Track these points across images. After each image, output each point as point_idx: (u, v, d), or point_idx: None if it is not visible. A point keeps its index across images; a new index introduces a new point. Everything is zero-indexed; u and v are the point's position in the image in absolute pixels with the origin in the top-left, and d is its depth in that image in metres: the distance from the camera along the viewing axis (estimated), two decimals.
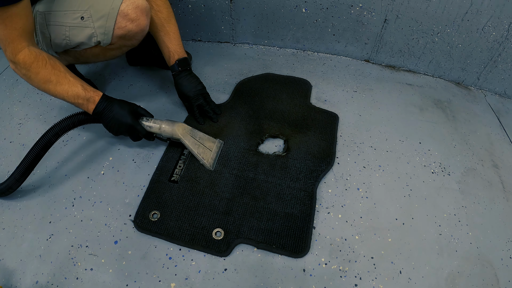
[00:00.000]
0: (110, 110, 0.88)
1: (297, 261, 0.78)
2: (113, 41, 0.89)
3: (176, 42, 1.03)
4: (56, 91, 0.83)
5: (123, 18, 0.85)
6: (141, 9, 0.87)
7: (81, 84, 0.85)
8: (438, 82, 1.35)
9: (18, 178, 0.85)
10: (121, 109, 0.89)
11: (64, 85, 0.83)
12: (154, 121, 0.93)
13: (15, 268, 0.76)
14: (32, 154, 0.85)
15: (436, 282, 0.76)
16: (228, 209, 0.86)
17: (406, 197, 0.92)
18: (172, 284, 0.74)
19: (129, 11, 0.85)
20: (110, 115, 0.88)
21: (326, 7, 1.27)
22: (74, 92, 0.84)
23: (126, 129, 0.90)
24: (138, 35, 0.92)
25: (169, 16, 1.01)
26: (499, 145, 1.10)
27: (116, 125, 0.89)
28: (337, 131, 1.08)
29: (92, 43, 0.89)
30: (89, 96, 0.86)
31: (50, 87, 0.83)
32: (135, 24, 0.88)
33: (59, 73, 0.83)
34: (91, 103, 0.86)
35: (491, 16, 1.13)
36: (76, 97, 0.84)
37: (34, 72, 0.80)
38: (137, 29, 0.89)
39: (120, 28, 0.86)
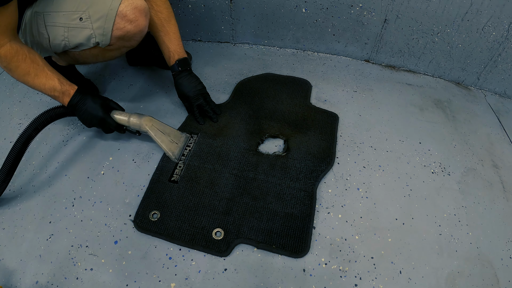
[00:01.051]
0: (83, 103, 0.91)
1: (297, 261, 0.78)
2: (112, 42, 0.88)
3: (176, 42, 1.03)
4: (35, 83, 0.87)
5: (121, 19, 0.85)
6: (139, 10, 0.87)
7: (58, 78, 0.88)
8: (438, 82, 1.35)
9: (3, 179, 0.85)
10: (93, 103, 0.92)
11: (42, 78, 0.86)
12: (124, 114, 0.97)
13: (15, 268, 0.76)
14: (14, 151, 0.87)
15: (436, 282, 0.76)
16: (228, 209, 0.86)
17: (406, 197, 0.92)
18: (172, 284, 0.74)
19: (127, 12, 0.85)
20: (83, 108, 0.91)
21: (326, 7, 1.27)
22: (51, 85, 0.87)
23: (98, 121, 0.93)
24: (137, 36, 0.92)
25: (169, 16, 1.01)
26: (499, 145, 1.10)
27: (88, 117, 0.92)
28: (337, 131, 1.08)
29: (91, 44, 0.89)
30: (64, 89, 0.89)
31: (29, 79, 0.86)
32: (133, 25, 0.87)
33: (38, 66, 0.86)
34: (66, 96, 0.90)
35: (491, 16, 1.13)
36: (53, 89, 0.88)
37: (14, 65, 0.83)
38: (135, 30, 0.88)
39: (118, 29, 0.86)
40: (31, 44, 0.93)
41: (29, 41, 0.92)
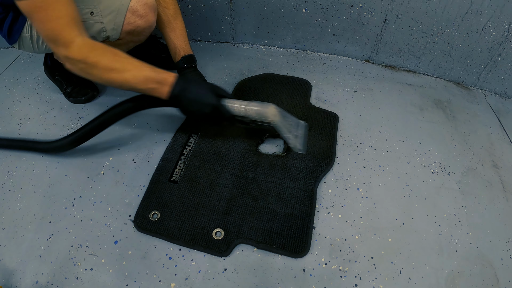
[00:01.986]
0: (189, 91, 0.80)
1: (297, 261, 0.78)
2: (122, 36, 0.90)
3: (183, 38, 1.04)
4: (123, 79, 0.76)
5: (132, 14, 0.87)
6: (149, 6, 0.89)
7: (149, 66, 0.78)
8: (438, 82, 1.35)
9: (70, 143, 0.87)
10: (202, 89, 0.82)
11: (131, 71, 0.76)
12: (239, 102, 0.84)
13: (15, 268, 0.76)
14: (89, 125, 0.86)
15: (436, 282, 0.76)
16: (228, 209, 0.86)
17: (406, 197, 0.92)
18: (172, 284, 0.74)
19: (138, 8, 0.87)
20: (190, 96, 0.81)
21: (326, 7, 1.27)
22: (144, 76, 0.77)
23: (210, 110, 0.82)
24: (146, 31, 0.93)
25: (176, 13, 1.02)
26: (499, 145, 1.10)
27: (199, 107, 0.81)
28: (337, 131, 1.08)
29: (101, 38, 0.90)
30: (161, 78, 0.79)
31: (114, 76, 0.76)
32: (143, 20, 0.89)
33: (122, 59, 0.77)
34: (164, 85, 0.79)
35: (491, 16, 1.13)
36: (147, 81, 0.77)
37: (93, 62, 0.73)
38: (145, 25, 0.90)
39: (129, 23, 0.88)
40: (37, 40, 0.92)
41: (35, 36, 0.92)
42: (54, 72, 1.15)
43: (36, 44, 0.93)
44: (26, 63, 1.36)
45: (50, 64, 1.13)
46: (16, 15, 0.89)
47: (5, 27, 0.89)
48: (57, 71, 1.14)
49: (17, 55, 1.40)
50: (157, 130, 1.07)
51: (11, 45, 0.96)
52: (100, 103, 1.16)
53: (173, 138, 1.03)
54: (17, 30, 0.90)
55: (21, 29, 0.90)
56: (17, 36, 0.91)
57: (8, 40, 0.93)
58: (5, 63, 1.36)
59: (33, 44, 0.93)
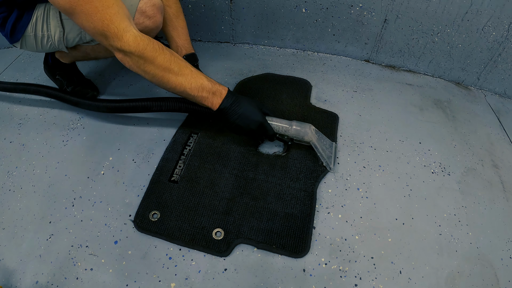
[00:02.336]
0: (239, 106, 0.83)
1: (297, 261, 0.78)
2: None
3: (184, 37, 1.04)
4: (178, 82, 0.76)
5: (141, 15, 0.87)
6: (157, 7, 0.90)
7: (205, 76, 0.80)
8: (438, 82, 1.35)
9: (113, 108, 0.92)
10: (251, 106, 0.85)
11: (187, 76, 0.77)
12: (282, 121, 0.90)
13: (15, 268, 0.76)
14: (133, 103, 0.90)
15: (436, 282, 0.76)
16: (228, 209, 0.86)
17: (406, 197, 0.92)
18: (172, 284, 0.74)
19: (147, 9, 0.88)
20: (239, 111, 0.83)
21: (326, 7, 1.27)
22: (199, 84, 0.78)
23: (256, 126, 0.86)
24: (154, 32, 0.94)
25: (178, 11, 1.02)
26: (499, 145, 1.10)
27: (246, 122, 0.85)
28: (337, 131, 1.08)
29: None
30: (215, 89, 0.81)
31: (170, 77, 0.75)
32: (152, 20, 0.90)
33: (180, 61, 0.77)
34: (217, 96, 0.81)
35: (491, 16, 1.13)
36: (201, 89, 0.79)
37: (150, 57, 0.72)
38: (153, 25, 0.91)
39: (138, 24, 0.88)
40: (42, 38, 0.92)
41: (40, 35, 0.92)
42: (55, 71, 1.14)
43: (40, 43, 0.93)
44: (26, 63, 1.36)
45: (51, 63, 1.13)
46: (21, 13, 0.89)
47: (8, 25, 0.89)
48: (57, 71, 1.14)
49: (17, 55, 1.40)
50: (157, 130, 1.07)
51: (12, 44, 0.96)
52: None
53: (173, 138, 1.03)
54: (20, 29, 0.90)
55: (25, 27, 0.90)
56: (20, 35, 0.91)
57: (10, 39, 0.93)
58: (5, 63, 1.36)
59: (36, 43, 0.93)
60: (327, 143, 0.98)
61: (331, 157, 0.97)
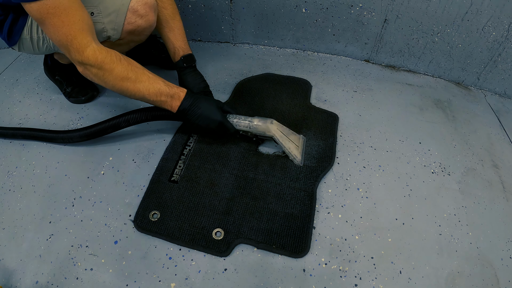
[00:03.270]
0: (198, 106, 0.86)
1: (297, 261, 0.78)
2: (122, 36, 0.91)
3: (181, 38, 1.04)
4: (136, 89, 0.79)
5: (133, 14, 0.87)
6: (149, 6, 0.89)
7: (162, 80, 0.82)
8: (438, 82, 1.35)
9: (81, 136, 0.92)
10: (210, 106, 0.87)
11: (144, 82, 0.79)
12: (243, 118, 0.91)
13: (15, 268, 0.76)
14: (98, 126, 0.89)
15: (436, 282, 0.76)
16: (228, 209, 0.86)
17: (406, 197, 0.92)
18: (172, 284, 0.74)
19: (138, 7, 0.87)
20: (198, 112, 0.86)
21: (326, 7, 1.27)
22: (156, 89, 0.80)
23: (216, 126, 0.88)
24: (147, 31, 0.94)
25: (174, 12, 1.02)
26: (499, 145, 1.10)
27: (205, 122, 0.87)
28: (337, 131, 1.08)
29: (102, 38, 0.91)
30: (173, 92, 0.83)
31: (128, 85, 0.78)
32: (144, 19, 0.90)
33: (137, 69, 0.79)
34: (175, 99, 0.84)
35: (491, 16, 1.13)
36: (159, 94, 0.81)
37: (108, 69, 0.75)
38: (146, 24, 0.91)
39: (130, 23, 0.88)
40: (38, 41, 0.92)
41: (36, 38, 0.92)
42: (54, 72, 1.15)
43: (37, 46, 0.93)
44: (26, 63, 1.36)
45: (50, 64, 1.13)
46: (16, 16, 0.89)
47: (4, 29, 0.89)
48: (57, 71, 1.14)
49: (17, 55, 1.40)
50: (157, 130, 1.07)
51: (11, 47, 0.96)
52: (100, 103, 1.16)
53: (173, 138, 1.03)
54: (17, 32, 0.90)
55: (21, 30, 0.90)
56: (17, 38, 0.91)
57: (8, 42, 0.93)
58: (5, 63, 1.36)
59: (33, 45, 0.93)
60: (293, 137, 0.97)
61: (299, 149, 0.97)
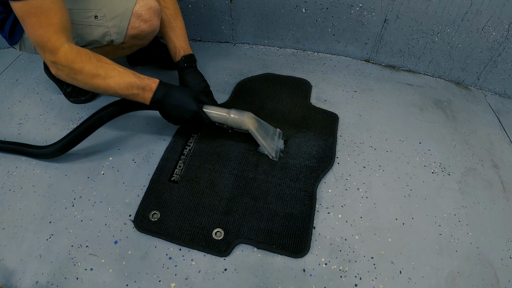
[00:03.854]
0: (172, 97, 0.84)
1: (297, 261, 0.78)
2: (126, 40, 0.91)
3: (182, 38, 1.04)
4: (107, 85, 0.78)
5: (136, 19, 0.87)
6: (153, 10, 0.90)
7: (133, 73, 0.81)
8: (438, 82, 1.35)
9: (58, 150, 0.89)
10: (184, 96, 0.85)
11: (115, 77, 0.78)
12: (219, 109, 0.89)
13: (15, 268, 0.76)
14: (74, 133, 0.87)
15: (436, 282, 0.76)
16: (228, 209, 0.86)
17: (406, 197, 0.92)
18: (172, 284, 0.74)
19: (142, 12, 0.88)
20: (172, 102, 0.84)
21: (326, 7, 1.27)
22: (127, 82, 0.79)
23: (191, 116, 0.86)
24: (150, 35, 0.94)
25: (176, 12, 1.02)
26: (499, 145, 1.10)
27: (179, 113, 0.85)
28: (337, 131, 1.08)
29: (105, 41, 0.91)
30: (144, 84, 0.82)
31: (99, 81, 0.78)
32: (148, 24, 0.90)
33: (107, 65, 0.79)
34: (147, 91, 0.82)
35: (491, 16, 1.13)
36: (130, 87, 0.80)
37: (78, 68, 0.75)
38: (149, 29, 0.91)
39: (133, 28, 0.88)
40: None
41: None
42: None
43: None
44: (26, 63, 1.36)
45: None
46: None
47: (6, 27, 0.89)
48: None
49: (17, 55, 1.40)
50: (157, 130, 1.07)
51: (12, 46, 0.96)
52: (100, 103, 1.16)
53: (173, 138, 1.03)
54: (18, 31, 0.90)
55: (23, 30, 0.89)
56: (19, 37, 0.91)
57: (9, 41, 0.93)
58: (5, 63, 1.36)
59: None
60: (270, 131, 0.97)
61: (274, 144, 0.97)
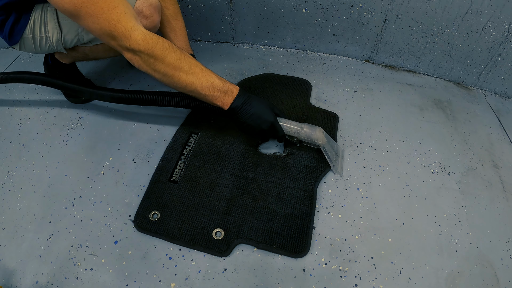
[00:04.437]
0: (251, 105, 0.83)
1: (297, 261, 0.78)
2: None
3: (182, 38, 1.04)
4: (189, 80, 0.75)
5: (138, 15, 0.87)
6: (154, 7, 0.89)
7: (215, 74, 0.80)
8: (438, 82, 1.35)
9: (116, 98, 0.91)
10: (263, 105, 0.84)
11: (198, 74, 0.76)
12: (292, 123, 0.91)
13: (15, 268, 0.76)
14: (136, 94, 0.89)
15: (436, 282, 0.76)
16: (228, 209, 0.86)
17: (406, 197, 0.92)
18: (172, 284, 0.74)
19: (143, 9, 0.87)
20: (250, 110, 0.83)
21: (326, 7, 1.27)
22: (210, 82, 0.77)
23: (268, 126, 0.86)
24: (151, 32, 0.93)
25: (176, 12, 1.02)
26: (499, 145, 1.10)
27: (257, 122, 0.84)
28: (337, 131, 1.08)
29: None
30: (227, 88, 0.80)
31: (181, 75, 0.74)
32: (149, 21, 0.90)
33: (190, 59, 0.76)
34: (228, 96, 0.81)
35: (491, 16, 1.13)
36: (212, 88, 0.78)
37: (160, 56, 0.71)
38: (150, 25, 0.91)
39: None
40: (40, 40, 0.92)
41: (38, 37, 0.91)
42: (55, 71, 1.14)
43: (39, 45, 0.93)
44: (26, 63, 1.36)
45: (51, 64, 1.13)
46: (18, 16, 0.89)
47: (6, 28, 0.89)
48: (57, 71, 1.14)
49: (17, 55, 1.40)
50: (157, 130, 1.07)
51: (11, 46, 0.96)
52: (100, 103, 1.16)
53: (173, 138, 1.03)
54: (18, 31, 0.90)
55: (23, 30, 0.90)
56: (19, 37, 0.91)
57: (9, 42, 0.93)
58: (5, 63, 1.36)
59: (35, 45, 0.93)
60: (334, 146, 0.98)
61: (339, 160, 0.98)
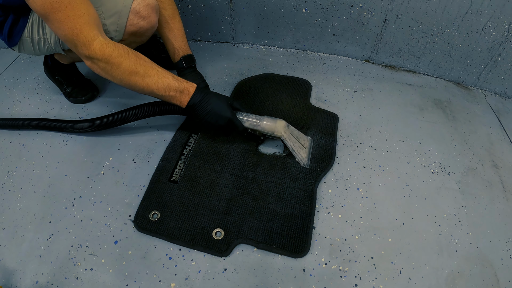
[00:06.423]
0: (208, 102, 0.84)
1: (297, 261, 0.78)
2: (124, 37, 0.91)
3: (181, 38, 1.04)
4: (145, 83, 0.77)
5: (135, 16, 0.87)
6: (151, 7, 0.90)
7: (171, 75, 0.81)
8: (438, 82, 1.35)
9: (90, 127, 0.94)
10: (220, 102, 0.86)
11: (153, 77, 0.78)
12: (252, 116, 0.91)
13: (15, 268, 0.76)
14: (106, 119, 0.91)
15: (436, 282, 0.76)
16: (228, 209, 0.86)
17: (406, 197, 0.92)
18: (172, 284, 0.74)
19: (140, 9, 0.87)
20: (207, 108, 0.84)
21: (326, 7, 1.27)
22: (165, 83, 0.79)
23: (225, 123, 0.87)
24: (149, 32, 0.94)
25: (174, 13, 1.02)
26: (499, 145, 1.10)
27: (214, 118, 0.86)
28: (337, 131, 1.08)
29: None
30: (182, 87, 0.82)
31: (136, 79, 0.77)
32: (146, 21, 0.90)
33: (145, 63, 0.78)
34: (184, 94, 0.83)
35: (491, 16, 1.13)
36: (168, 89, 0.80)
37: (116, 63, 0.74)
38: (148, 26, 0.91)
39: (132, 25, 0.88)
40: (39, 42, 0.92)
41: (37, 39, 0.91)
42: (54, 72, 1.15)
43: (37, 46, 0.93)
44: (26, 63, 1.36)
45: (51, 64, 1.13)
46: (17, 17, 0.88)
47: (5, 30, 0.89)
48: (57, 71, 1.14)
49: (17, 55, 1.40)
50: (157, 130, 1.07)
51: (10, 48, 0.96)
52: (100, 103, 1.16)
53: (173, 138, 1.03)
54: (17, 33, 0.90)
55: (22, 31, 0.90)
56: (18, 39, 0.91)
57: (8, 43, 0.93)
58: (5, 63, 1.36)
59: (34, 46, 0.93)
60: (301, 138, 0.97)
61: (306, 151, 0.97)
